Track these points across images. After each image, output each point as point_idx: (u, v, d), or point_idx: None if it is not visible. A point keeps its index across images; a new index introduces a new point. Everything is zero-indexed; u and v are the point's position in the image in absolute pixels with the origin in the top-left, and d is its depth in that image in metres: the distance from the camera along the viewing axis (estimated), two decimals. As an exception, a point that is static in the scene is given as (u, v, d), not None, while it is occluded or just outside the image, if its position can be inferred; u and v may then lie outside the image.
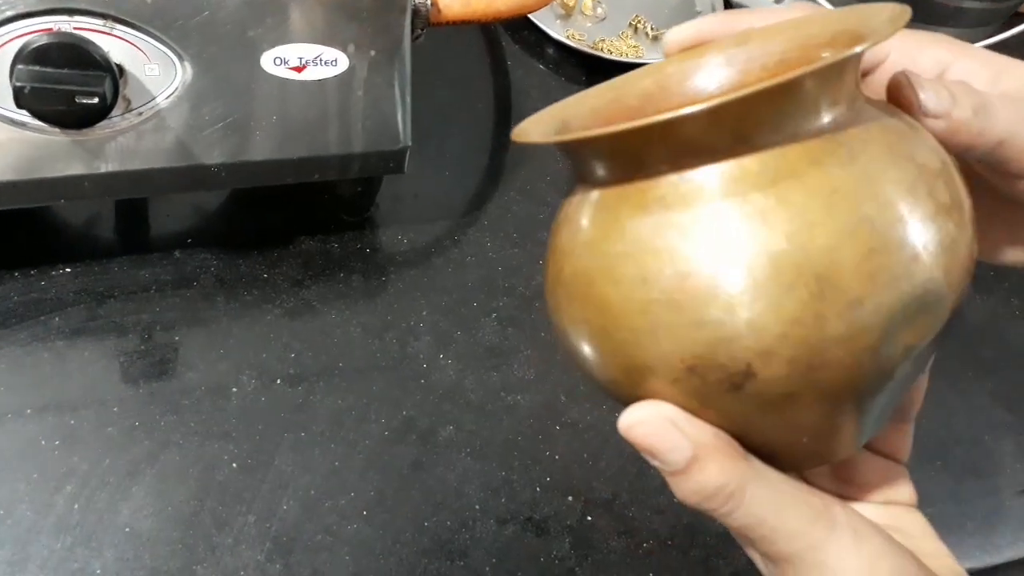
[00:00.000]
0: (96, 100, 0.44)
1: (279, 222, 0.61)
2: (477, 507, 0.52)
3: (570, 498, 0.53)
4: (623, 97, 0.29)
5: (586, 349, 0.24)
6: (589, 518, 0.53)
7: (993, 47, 0.83)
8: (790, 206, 0.21)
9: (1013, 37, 0.82)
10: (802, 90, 0.22)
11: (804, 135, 0.22)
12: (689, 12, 0.88)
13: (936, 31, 0.81)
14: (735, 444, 0.24)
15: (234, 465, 0.50)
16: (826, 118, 0.23)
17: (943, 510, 0.59)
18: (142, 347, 0.53)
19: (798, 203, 0.21)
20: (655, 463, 0.25)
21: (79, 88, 0.44)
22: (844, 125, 0.23)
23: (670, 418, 0.24)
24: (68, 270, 0.56)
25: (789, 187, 0.21)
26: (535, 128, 0.27)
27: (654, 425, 0.24)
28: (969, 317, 0.72)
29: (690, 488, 0.24)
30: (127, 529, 0.47)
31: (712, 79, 0.29)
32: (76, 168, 0.49)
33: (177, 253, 0.58)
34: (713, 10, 0.88)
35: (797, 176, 0.21)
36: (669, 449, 0.24)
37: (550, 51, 0.80)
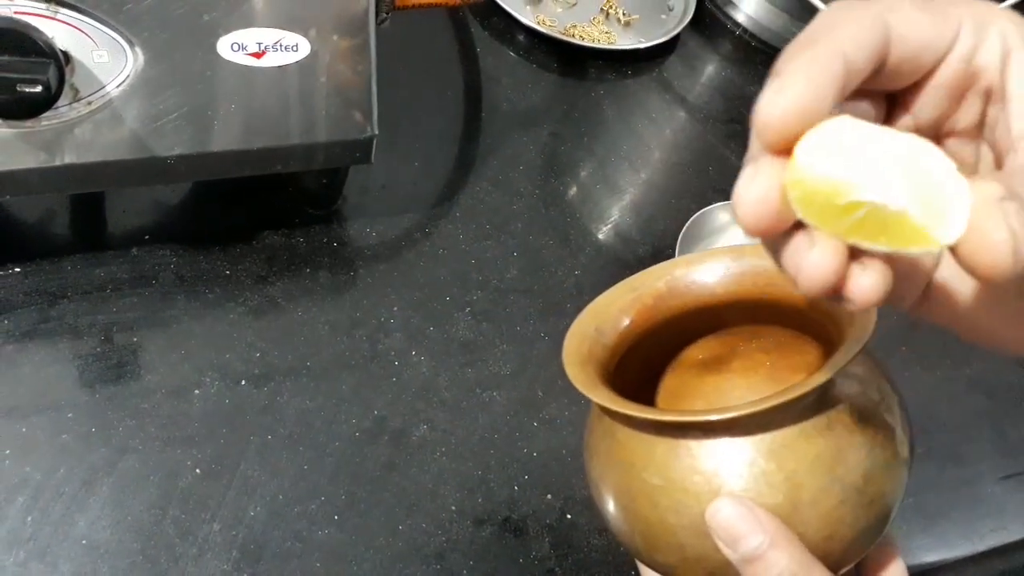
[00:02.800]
0: (40, 89, 0.42)
1: (242, 216, 0.59)
2: (453, 508, 0.50)
3: (549, 496, 0.52)
4: (642, 297, 0.37)
5: (618, 528, 0.33)
6: (569, 516, 0.52)
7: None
8: (784, 470, 0.29)
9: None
10: (796, 400, 0.28)
11: (796, 415, 0.30)
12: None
13: None
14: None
15: (197, 471, 0.48)
16: (812, 400, 0.30)
17: (925, 499, 0.59)
18: (98, 349, 0.51)
19: (789, 468, 0.29)
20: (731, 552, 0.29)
21: (21, 76, 0.41)
22: (826, 401, 0.30)
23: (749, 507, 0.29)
24: (17, 270, 0.53)
25: (784, 455, 0.29)
26: (576, 349, 0.35)
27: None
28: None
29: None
30: (84, 541, 0.45)
31: (711, 286, 0.37)
32: (24, 162, 0.46)
33: (135, 250, 0.55)
34: (685, -5, 0.86)
35: (789, 446, 0.29)
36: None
37: (520, 37, 0.78)
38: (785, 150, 0.22)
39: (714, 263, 0.37)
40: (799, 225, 0.22)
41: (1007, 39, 0.24)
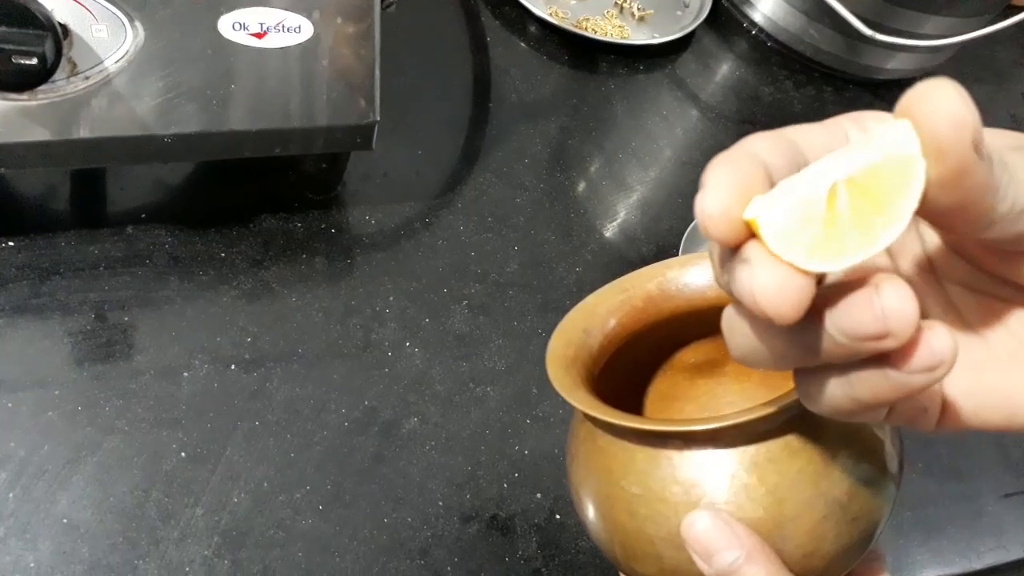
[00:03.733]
0: (35, 61, 0.41)
1: (239, 199, 0.58)
2: (440, 503, 0.50)
3: (539, 495, 0.51)
4: (632, 299, 0.36)
5: (597, 536, 0.33)
6: (558, 516, 0.51)
7: (986, 37, 0.82)
8: (765, 483, 0.28)
9: (1006, 28, 0.80)
10: (780, 412, 0.27)
11: (781, 427, 0.29)
12: (677, -7, 0.85)
13: (930, 19, 0.79)
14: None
15: (183, 454, 0.47)
16: (797, 412, 0.28)
17: (925, 514, 0.57)
18: (88, 327, 0.50)
19: (772, 482, 0.28)
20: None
21: (16, 47, 0.40)
22: (811, 413, 0.27)
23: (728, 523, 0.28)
24: (11, 244, 0.52)
25: (766, 469, 0.28)
26: (562, 352, 0.34)
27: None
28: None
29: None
30: (65, 520, 0.44)
31: (703, 289, 0.36)
32: (19, 135, 0.46)
33: (129, 229, 0.55)
34: (702, -8, 0.85)
35: (773, 459, 0.28)
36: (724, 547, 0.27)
37: (532, 28, 0.77)
38: None
39: (707, 265, 0.36)
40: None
41: None
